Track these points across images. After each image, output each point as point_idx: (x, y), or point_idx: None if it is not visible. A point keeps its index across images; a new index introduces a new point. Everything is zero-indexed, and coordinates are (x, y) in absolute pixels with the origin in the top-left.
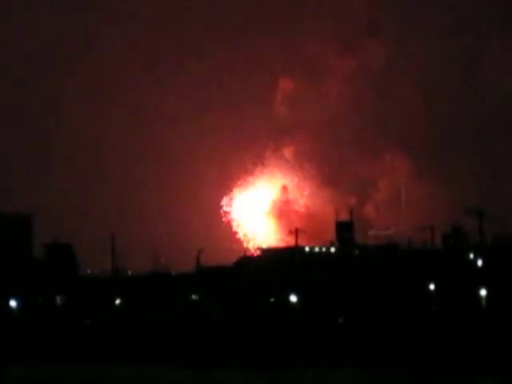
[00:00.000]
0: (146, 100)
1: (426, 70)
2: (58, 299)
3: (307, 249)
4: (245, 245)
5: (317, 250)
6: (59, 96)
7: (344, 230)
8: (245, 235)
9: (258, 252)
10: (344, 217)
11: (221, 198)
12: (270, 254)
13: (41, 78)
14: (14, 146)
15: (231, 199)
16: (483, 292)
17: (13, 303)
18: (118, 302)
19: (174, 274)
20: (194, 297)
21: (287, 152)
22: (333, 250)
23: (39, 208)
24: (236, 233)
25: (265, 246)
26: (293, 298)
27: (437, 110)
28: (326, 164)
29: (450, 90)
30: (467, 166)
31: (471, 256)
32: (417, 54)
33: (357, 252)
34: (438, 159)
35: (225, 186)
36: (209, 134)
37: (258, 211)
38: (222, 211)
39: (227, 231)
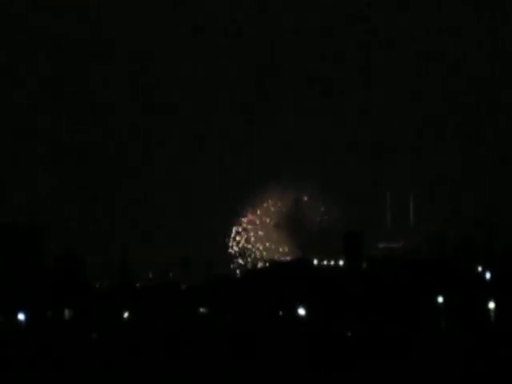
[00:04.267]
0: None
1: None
2: (67, 312)
3: (316, 262)
4: (255, 257)
5: (325, 262)
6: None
7: (352, 242)
8: (255, 248)
9: (268, 265)
10: (355, 230)
11: (232, 211)
12: (279, 267)
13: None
14: (23, 156)
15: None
16: (492, 305)
17: (21, 316)
18: (126, 315)
19: (182, 287)
20: (202, 310)
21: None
22: (341, 263)
23: (51, 220)
24: (246, 245)
25: (275, 258)
26: (301, 311)
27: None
28: (339, 177)
29: (461, 99)
30: (478, 175)
31: (480, 268)
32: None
33: (365, 265)
34: (448, 169)
35: (237, 199)
36: (221, 147)
37: (269, 224)
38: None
39: (237, 244)
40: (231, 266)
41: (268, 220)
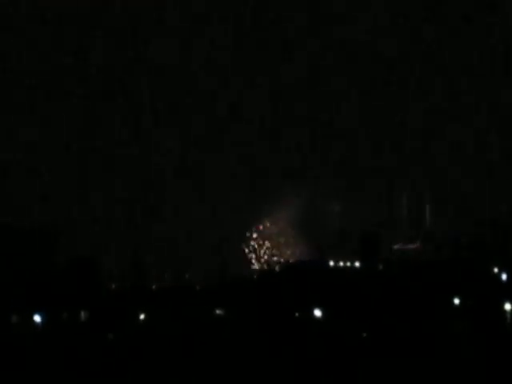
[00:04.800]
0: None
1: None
2: (83, 314)
3: (332, 263)
4: (270, 259)
5: (341, 264)
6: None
7: (368, 243)
8: (270, 249)
9: (283, 266)
10: (371, 231)
11: (248, 212)
12: (294, 269)
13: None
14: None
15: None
16: (508, 306)
17: (37, 318)
18: (142, 316)
19: (197, 288)
20: (218, 311)
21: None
22: (357, 264)
23: (65, 222)
24: (261, 247)
25: (290, 259)
26: (317, 312)
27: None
28: (355, 178)
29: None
30: (494, 175)
31: (496, 269)
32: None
33: (381, 266)
34: (464, 170)
35: (252, 200)
36: (236, 146)
37: (284, 224)
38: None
39: (252, 245)
40: (247, 268)
41: (283, 221)
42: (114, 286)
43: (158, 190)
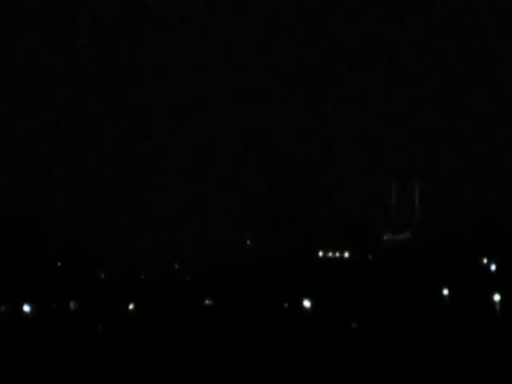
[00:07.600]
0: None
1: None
2: (72, 304)
3: (321, 253)
4: (258, 249)
5: (330, 254)
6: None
7: (357, 233)
8: (258, 239)
9: (272, 257)
10: (361, 221)
11: (235, 205)
12: (283, 259)
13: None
14: (26, 150)
15: None
16: (497, 297)
17: (26, 308)
18: (131, 306)
19: (187, 278)
20: (207, 302)
21: None
22: (347, 254)
23: (52, 211)
24: (250, 238)
25: (279, 250)
26: (306, 303)
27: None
28: (344, 168)
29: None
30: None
31: (485, 260)
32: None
33: (370, 257)
34: (453, 159)
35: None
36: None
37: (273, 215)
38: None
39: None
40: (236, 258)
41: (271, 211)
42: (102, 276)
43: (144, 179)
